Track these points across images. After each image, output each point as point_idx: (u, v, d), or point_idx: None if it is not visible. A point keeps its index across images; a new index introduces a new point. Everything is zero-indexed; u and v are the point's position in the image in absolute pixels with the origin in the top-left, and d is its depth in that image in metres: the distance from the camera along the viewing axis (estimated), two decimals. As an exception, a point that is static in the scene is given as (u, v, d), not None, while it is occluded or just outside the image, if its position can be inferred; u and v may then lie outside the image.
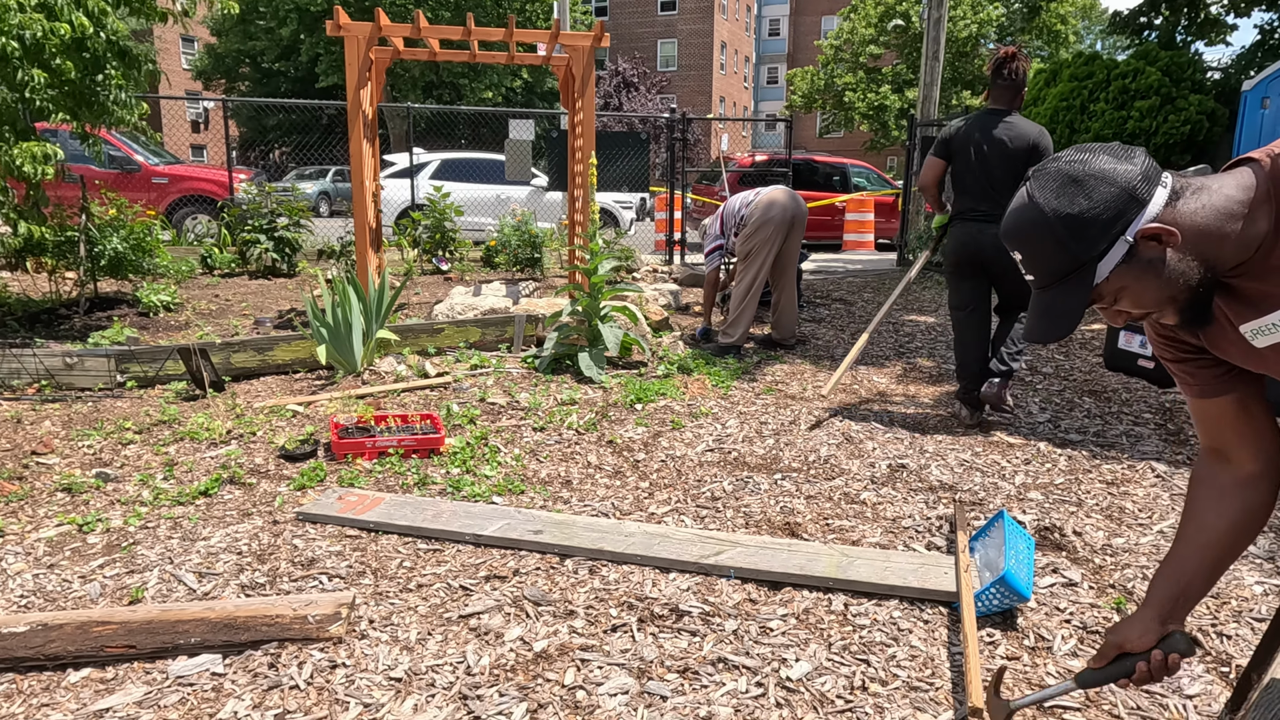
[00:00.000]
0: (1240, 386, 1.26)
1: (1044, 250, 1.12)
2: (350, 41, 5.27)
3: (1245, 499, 1.28)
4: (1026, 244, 1.14)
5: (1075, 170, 1.10)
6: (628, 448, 3.68)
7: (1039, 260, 1.14)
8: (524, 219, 8.65)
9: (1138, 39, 11.16)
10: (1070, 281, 1.12)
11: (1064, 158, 1.14)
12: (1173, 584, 1.32)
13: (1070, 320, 1.14)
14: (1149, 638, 1.33)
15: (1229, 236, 1.07)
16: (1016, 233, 1.15)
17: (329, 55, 25.19)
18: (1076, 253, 1.10)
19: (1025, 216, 1.13)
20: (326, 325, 4.46)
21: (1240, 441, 1.28)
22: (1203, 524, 1.31)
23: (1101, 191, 1.08)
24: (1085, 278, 1.11)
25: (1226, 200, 1.07)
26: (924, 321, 6.83)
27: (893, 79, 30.73)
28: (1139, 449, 3.79)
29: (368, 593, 2.42)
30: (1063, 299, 1.13)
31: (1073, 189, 1.09)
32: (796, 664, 2.10)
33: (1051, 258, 1.12)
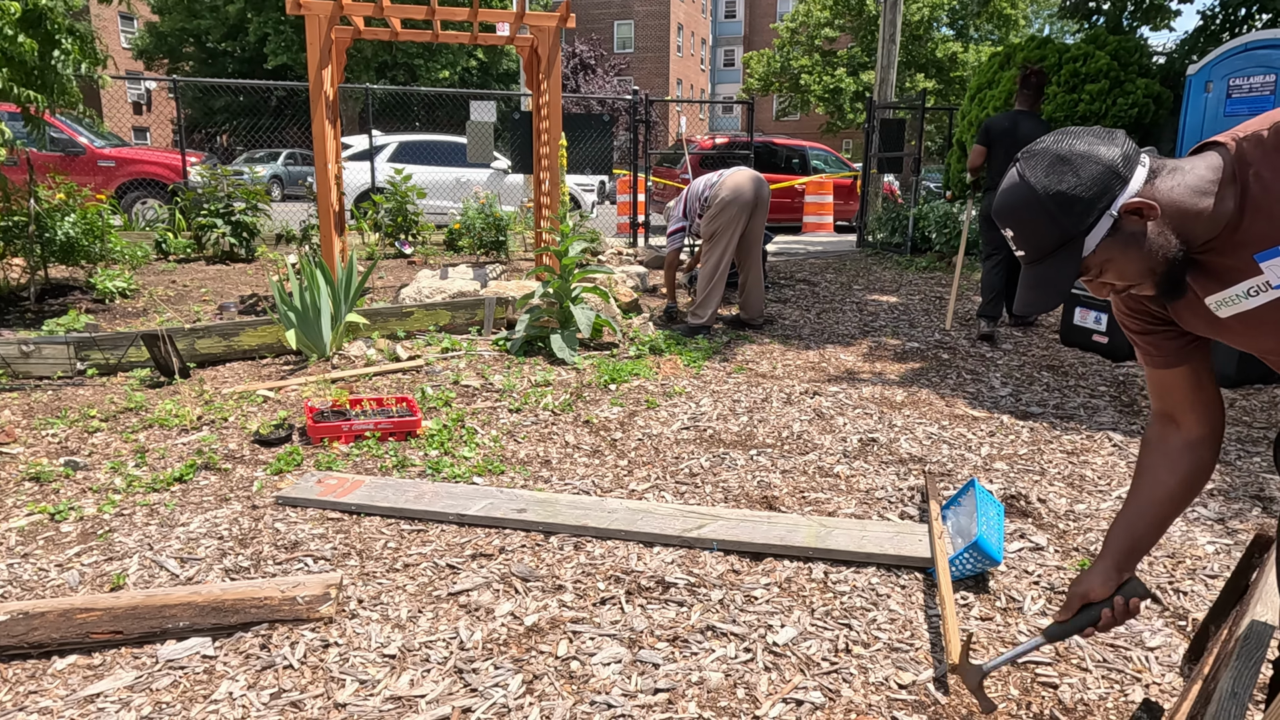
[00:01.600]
0: (1195, 358, 1.35)
1: (1035, 226, 1.17)
2: (311, 20, 5.17)
3: (1192, 460, 1.39)
4: (1018, 220, 1.19)
5: (1063, 150, 1.16)
6: (604, 427, 3.72)
7: (1030, 236, 1.19)
8: (488, 201, 8.59)
9: (1087, 23, 11.42)
10: (1060, 255, 1.18)
11: (1051, 140, 1.20)
12: (1127, 536, 1.43)
13: (1059, 292, 1.19)
14: (1109, 585, 1.44)
15: (1201, 213, 1.15)
16: (1009, 211, 1.20)
17: (279, 35, 24.53)
18: (1066, 227, 1.16)
19: (1017, 195, 1.18)
20: (295, 309, 4.41)
21: (1190, 408, 1.38)
22: (1155, 482, 1.41)
23: (1088, 169, 1.14)
24: (1074, 251, 1.17)
25: (1198, 179, 1.15)
26: (887, 301, 6.97)
27: (848, 62, 30.97)
28: (1096, 420, 3.94)
29: (354, 574, 2.43)
30: (1053, 272, 1.19)
31: (1062, 167, 1.15)
32: (782, 629, 2.17)
33: (1042, 233, 1.17)
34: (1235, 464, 3.40)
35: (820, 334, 5.72)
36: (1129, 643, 2.15)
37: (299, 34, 23.46)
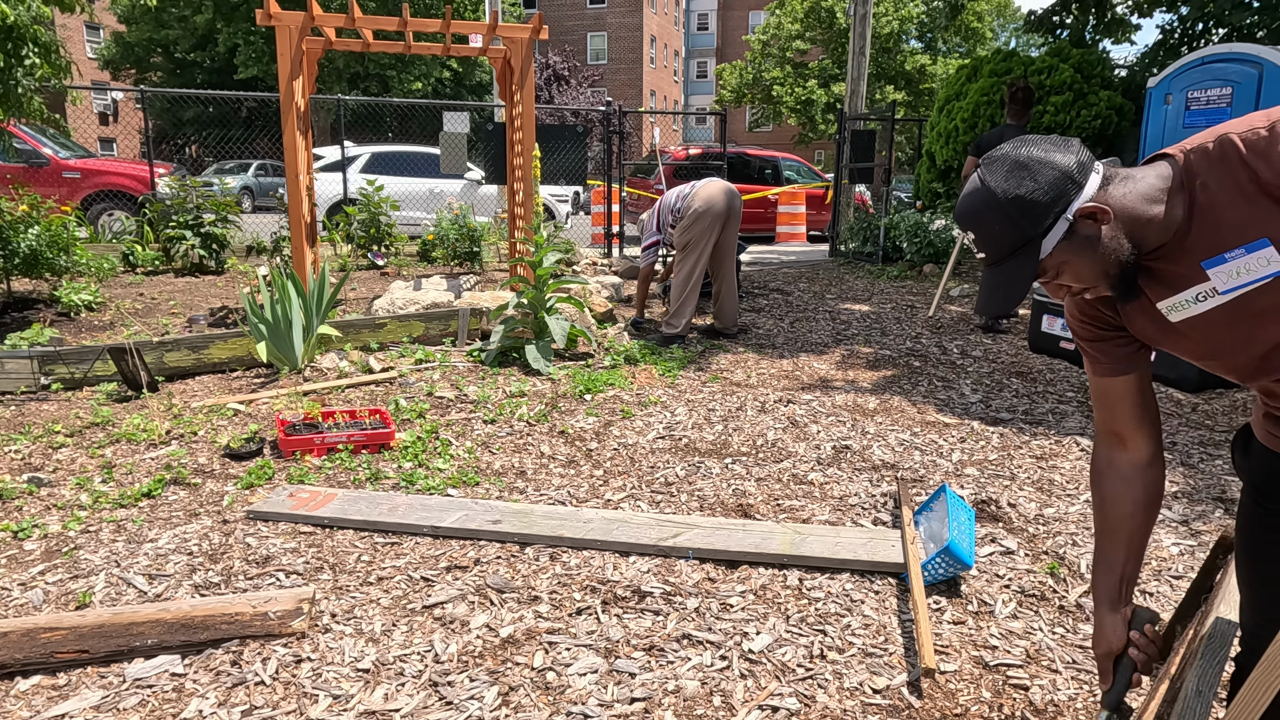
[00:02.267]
0: (1141, 366, 1.38)
1: (995, 229, 1.21)
2: (282, 31, 5.14)
3: (1147, 480, 1.40)
4: (980, 224, 1.22)
5: (1021, 157, 1.20)
6: (580, 437, 3.72)
7: (991, 238, 1.22)
8: (462, 212, 8.57)
9: (1051, 37, 11.65)
10: (1019, 257, 1.21)
11: (1010, 147, 1.23)
12: (1113, 577, 1.43)
13: (1018, 293, 1.22)
14: (1121, 630, 1.43)
15: (1153, 220, 1.19)
16: (971, 214, 1.24)
17: (249, 45, 24.36)
18: (1024, 230, 1.19)
19: (978, 199, 1.22)
20: (266, 321, 4.37)
21: (1137, 424, 1.40)
22: (1122, 515, 1.42)
23: (1045, 174, 1.18)
24: (1032, 253, 1.20)
25: (1149, 187, 1.20)
26: (859, 310, 7.04)
27: (819, 74, 31.34)
28: (1064, 425, 4.01)
29: (327, 588, 2.41)
30: (1012, 274, 1.22)
31: (1020, 173, 1.19)
32: (757, 637, 2.18)
33: (1002, 235, 1.21)
34: (1198, 466, 3.47)
35: (794, 343, 5.77)
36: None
37: (269, 45, 23.32)
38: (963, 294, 7.67)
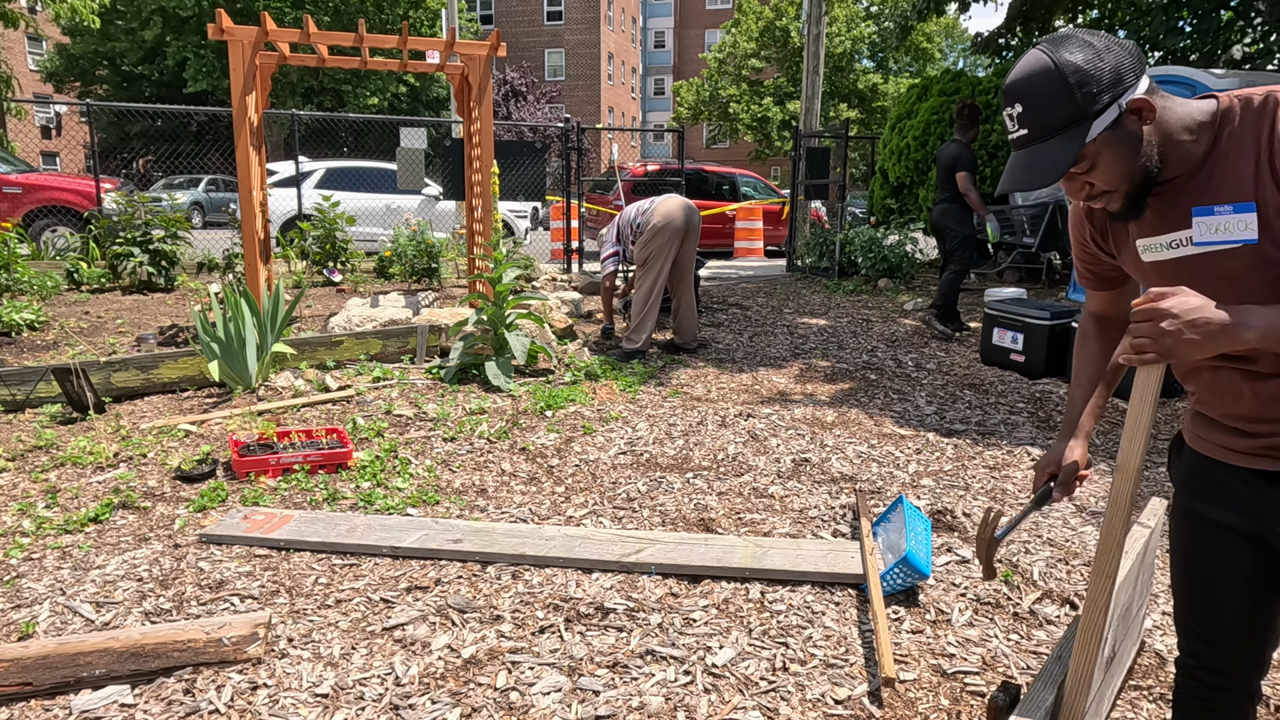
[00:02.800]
0: (1129, 282, 1.47)
1: (1048, 100, 1.15)
2: (235, 46, 5.07)
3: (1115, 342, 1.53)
4: (1031, 92, 1.16)
5: (1086, 35, 1.16)
6: (541, 454, 3.71)
7: (1040, 109, 1.16)
8: (420, 228, 8.50)
9: (998, 58, 12.02)
10: (1066, 134, 1.15)
11: (1072, 29, 1.20)
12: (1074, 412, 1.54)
13: (1054, 173, 1.16)
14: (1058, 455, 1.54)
15: (1181, 144, 1.19)
16: (1023, 81, 1.17)
17: (199, 59, 23.93)
18: (1080, 105, 1.14)
19: (1035, 66, 1.16)
20: (218, 340, 4.28)
21: (1118, 311, 1.53)
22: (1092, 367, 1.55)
23: (1109, 56, 1.14)
24: (1080, 133, 1.15)
25: (1188, 114, 1.20)
26: (817, 324, 7.13)
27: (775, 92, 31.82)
28: (1015, 435, 4.11)
29: (284, 611, 2.36)
30: (1054, 152, 1.16)
31: (1086, 49, 1.15)
32: (720, 651, 2.19)
33: (1055, 107, 1.15)
34: (1144, 473, 3.58)
35: (753, 357, 5.83)
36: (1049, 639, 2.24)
37: (221, 58, 22.96)
38: (915, 307, 7.82)
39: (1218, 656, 1.38)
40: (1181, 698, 1.46)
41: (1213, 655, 1.39)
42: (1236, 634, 1.35)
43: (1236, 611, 1.34)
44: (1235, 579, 1.32)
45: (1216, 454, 1.32)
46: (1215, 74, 6.83)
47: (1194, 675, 1.42)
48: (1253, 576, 1.32)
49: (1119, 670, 1.95)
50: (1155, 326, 1.09)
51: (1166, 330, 1.08)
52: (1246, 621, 1.34)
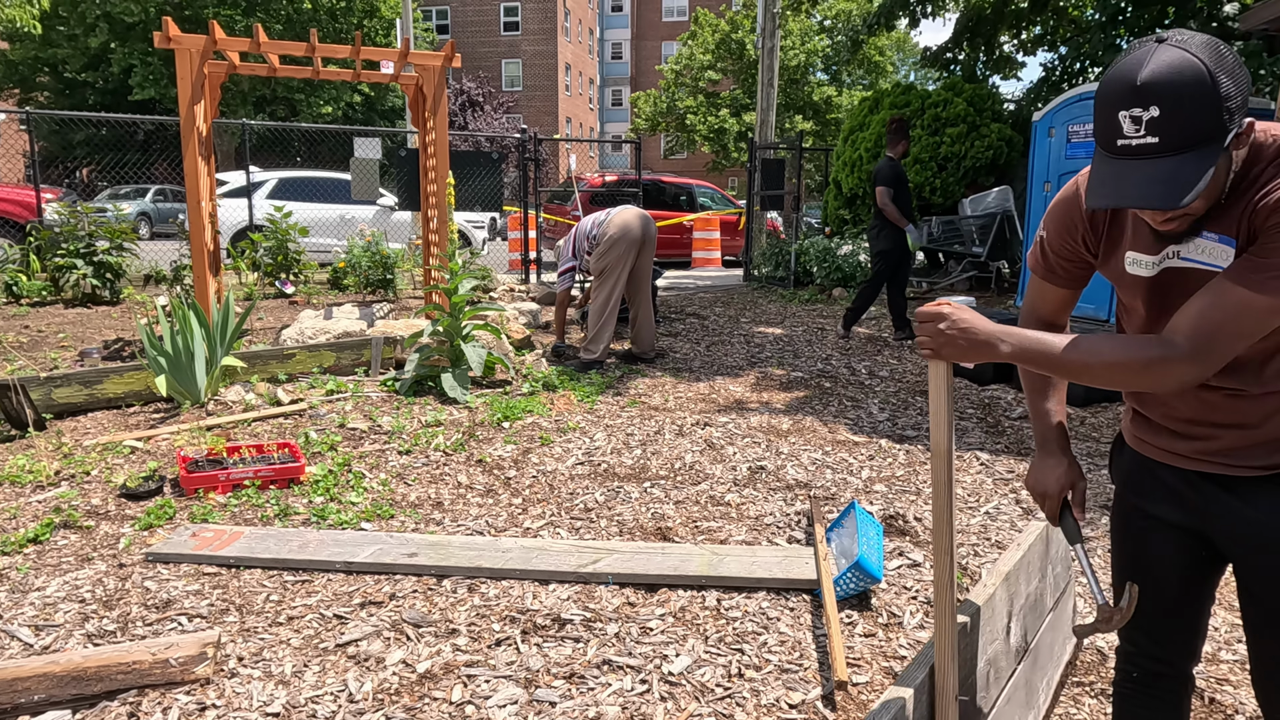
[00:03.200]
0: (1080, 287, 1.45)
1: (1197, 109, 1.03)
2: (182, 55, 4.98)
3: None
4: (1177, 98, 1.03)
5: (1224, 46, 1.06)
6: (498, 466, 3.69)
7: (1186, 119, 1.04)
8: (374, 239, 8.41)
9: (946, 72, 12.32)
10: (1200, 151, 1.05)
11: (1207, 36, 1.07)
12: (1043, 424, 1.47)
13: (1187, 192, 1.05)
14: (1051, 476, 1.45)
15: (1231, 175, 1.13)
16: (1170, 84, 1.03)
17: (146, 66, 23.40)
18: (1224, 121, 1.05)
19: (1186, 69, 1.03)
20: (165, 354, 4.19)
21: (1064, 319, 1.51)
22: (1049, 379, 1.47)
23: (1241, 68, 1.06)
24: (1215, 151, 1.06)
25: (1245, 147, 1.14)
26: (773, 333, 7.22)
27: (731, 103, 32.15)
28: (964, 440, 4.20)
29: (234, 630, 2.32)
30: (1187, 167, 1.06)
31: (1229, 59, 1.04)
32: (677, 659, 2.20)
33: (1202, 119, 1.04)
34: (1087, 476, 3.69)
35: (710, 366, 5.87)
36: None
37: (169, 66, 22.48)
38: (867, 316, 7.95)
39: (1156, 644, 1.44)
40: (1121, 686, 1.53)
41: (1151, 643, 1.45)
42: (1174, 622, 1.42)
43: (1175, 600, 1.40)
44: (1174, 569, 1.38)
45: (1158, 456, 1.37)
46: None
47: (1134, 662, 1.49)
48: (1190, 567, 1.38)
49: (1046, 662, 2.01)
50: (934, 328, 1.24)
51: (942, 332, 1.23)
52: (1184, 610, 1.41)
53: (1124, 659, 1.51)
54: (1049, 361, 1.22)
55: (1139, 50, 1.07)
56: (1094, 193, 1.13)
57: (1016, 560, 1.74)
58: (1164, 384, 1.19)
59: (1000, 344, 1.22)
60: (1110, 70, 1.09)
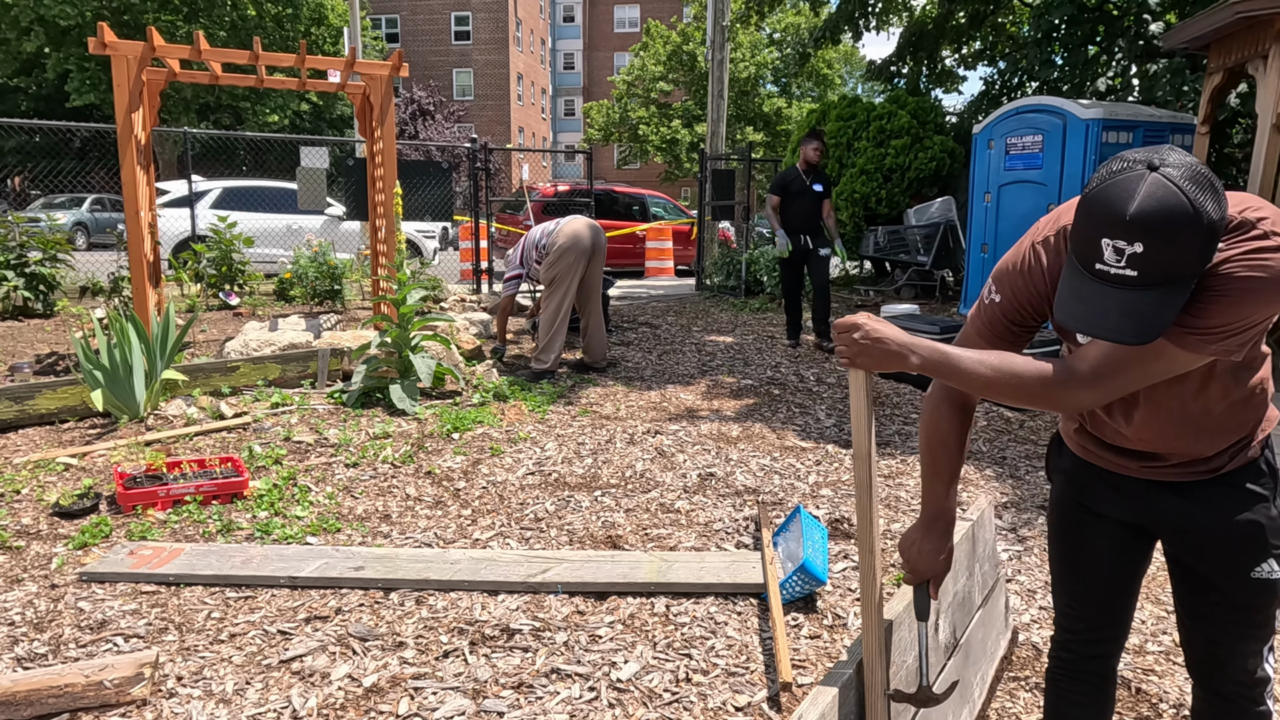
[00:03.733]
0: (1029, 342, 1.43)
1: (1181, 250, 1.03)
2: (119, 62, 4.87)
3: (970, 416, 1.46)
4: (1166, 239, 1.03)
5: (1212, 177, 1.05)
6: (447, 477, 3.67)
7: (1169, 259, 1.04)
8: (321, 249, 8.29)
9: (890, 85, 12.62)
10: (1180, 285, 1.07)
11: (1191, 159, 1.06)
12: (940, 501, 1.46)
13: (1161, 328, 1.08)
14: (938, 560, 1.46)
15: None
16: (1161, 224, 1.02)
17: (82, 72, 22.73)
18: (1204, 261, 1.06)
19: (1177, 211, 1.02)
20: (102, 367, 4.07)
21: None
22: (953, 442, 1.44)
23: (1224, 200, 1.07)
24: (1190, 285, 1.07)
25: None
26: (724, 341, 7.29)
27: (683, 114, 32.43)
28: (908, 445, 4.30)
29: (173, 649, 2.27)
30: (1165, 301, 1.07)
31: (1216, 195, 1.04)
32: (625, 665, 2.22)
33: (1185, 261, 1.04)
34: (1024, 478, 3.81)
35: (662, 375, 5.91)
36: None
37: (106, 72, 21.87)
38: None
39: (1091, 632, 1.52)
40: (1055, 673, 1.59)
41: (1086, 631, 1.52)
42: (1108, 612, 1.49)
43: (1110, 591, 1.48)
44: (1112, 562, 1.46)
45: (1107, 466, 1.43)
46: (1083, 103, 7.36)
47: (1069, 649, 1.55)
48: (1126, 559, 1.46)
49: (980, 657, 2.07)
50: (850, 338, 1.29)
51: (857, 341, 1.28)
52: (1116, 600, 1.49)
53: (1059, 647, 1.58)
54: (955, 375, 1.26)
55: (1129, 176, 1.05)
56: (1066, 311, 1.14)
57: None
58: (1062, 407, 1.25)
59: (911, 355, 1.26)
60: (1098, 190, 1.07)
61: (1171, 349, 1.14)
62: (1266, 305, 1.10)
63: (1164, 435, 1.33)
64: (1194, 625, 1.42)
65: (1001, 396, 1.27)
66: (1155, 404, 1.30)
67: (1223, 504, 1.33)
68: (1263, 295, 1.09)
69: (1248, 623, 1.35)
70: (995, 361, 1.24)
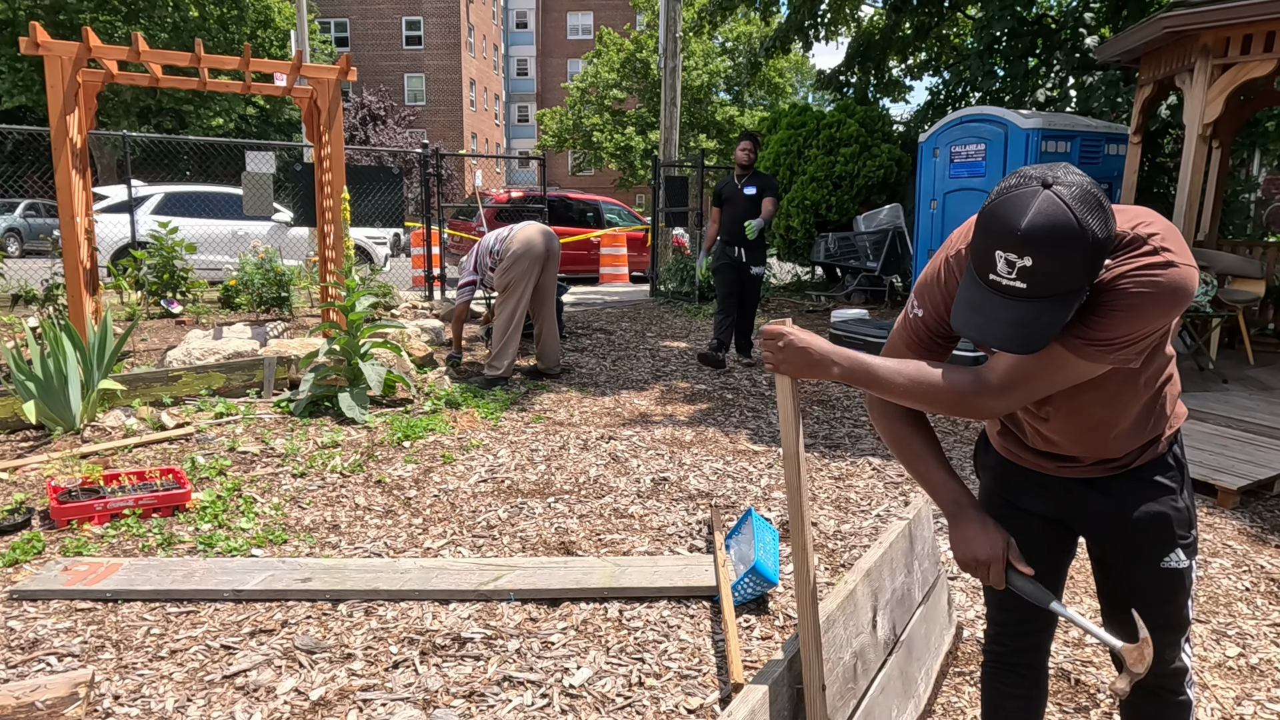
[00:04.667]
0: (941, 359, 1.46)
1: (1066, 265, 1.08)
2: (52, 62, 4.72)
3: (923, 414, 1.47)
4: (1051, 253, 1.07)
5: (1098, 196, 1.09)
6: (398, 486, 3.62)
7: (1055, 273, 1.09)
8: (268, 256, 8.12)
9: (839, 94, 12.83)
10: (1066, 299, 1.12)
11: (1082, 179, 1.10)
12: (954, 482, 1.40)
13: (1051, 335, 1.14)
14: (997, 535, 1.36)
15: None
16: (1046, 240, 1.07)
17: (14, 72, 21.94)
18: (1090, 277, 1.11)
19: (1063, 228, 1.07)
20: (34, 378, 3.93)
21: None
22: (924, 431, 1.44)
23: (1112, 219, 1.12)
24: (1076, 299, 1.13)
25: None
26: (678, 346, 7.33)
27: (636, 121, 32.53)
28: (858, 447, 4.37)
29: (110, 668, 2.19)
30: (1052, 313, 1.12)
31: (1102, 214, 1.09)
32: (578, 671, 2.21)
33: (1070, 276, 1.09)
34: (970, 478, 3.90)
35: (616, 380, 5.92)
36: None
37: (40, 73, 21.14)
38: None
39: (1023, 624, 1.56)
40: (989, 668, 1.64)
41: (1019, 623, 1.56)
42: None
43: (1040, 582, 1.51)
44: (1042, 556, 1.50)
45: (1028, 466, 1.49)
46: (1023, 114, 7.58)
47: (1002, 643, 1.60)
48: (1054, 552, 1.52)
49: (923, 652, 2.12)
50: (774, 344, 1.35)
51: (780, 348, 1.34)
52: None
53: (992, 641, 1.63)
54: (874, 384, 1.31)
55: (1024, 192, 1.09)
56: (962, 318, 1.19)
57: (878, 557, 1.83)
58: (975, 414, 1.31)
59: (833, 366, 1.31)
60: (996, 205, 1.11)
61: (1073, 359, 1.21)
62: (1159, 317, 1.17)
63: (1078, 439, 1.39)
64: (1114, 618, 1.47)
65: (918, 404, 1.31)
66: (1070, 410, 1.36)
67: (1133, 497, 1.40)
68: (1155, 308, 1.15)
69: (1162, 614, 1.41)
70: (912, 371, 1.29)
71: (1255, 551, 3.17)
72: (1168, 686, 1.46)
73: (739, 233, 6.17)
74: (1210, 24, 4.54)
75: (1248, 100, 6.59)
